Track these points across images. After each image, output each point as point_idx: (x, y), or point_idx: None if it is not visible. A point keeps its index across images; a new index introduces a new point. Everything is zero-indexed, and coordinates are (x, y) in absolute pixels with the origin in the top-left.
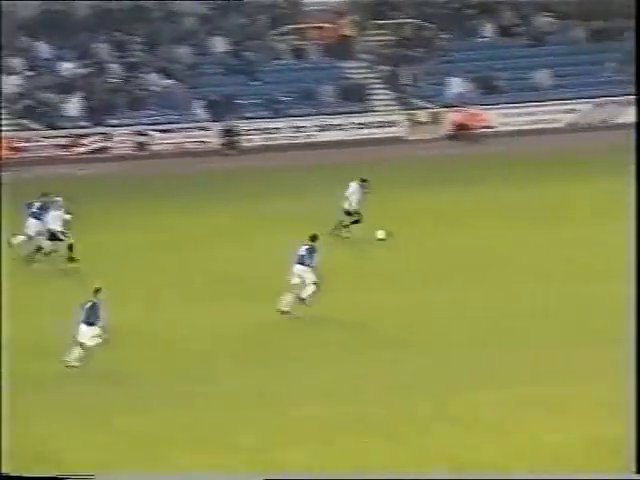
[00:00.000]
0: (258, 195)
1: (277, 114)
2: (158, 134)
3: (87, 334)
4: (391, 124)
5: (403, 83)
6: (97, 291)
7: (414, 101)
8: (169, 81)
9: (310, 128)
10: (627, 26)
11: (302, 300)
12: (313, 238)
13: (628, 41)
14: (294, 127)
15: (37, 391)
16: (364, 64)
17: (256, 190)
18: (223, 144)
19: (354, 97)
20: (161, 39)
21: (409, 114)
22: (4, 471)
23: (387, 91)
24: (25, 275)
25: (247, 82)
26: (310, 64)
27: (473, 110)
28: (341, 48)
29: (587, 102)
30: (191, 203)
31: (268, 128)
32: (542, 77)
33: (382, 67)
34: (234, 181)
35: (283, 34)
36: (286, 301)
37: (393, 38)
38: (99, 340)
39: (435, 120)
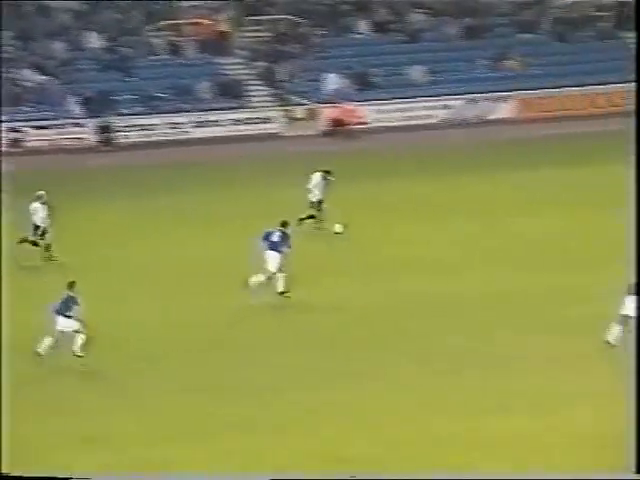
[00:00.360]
0: (139, 191)
1: (153, 110)
2: (33, 130)
3: (65, 325)
4: (267, 120)
5: (279, 79)
6: (71, 285)
7: (290, 97)
8: (43, 77)
9: (186, 124)
10: (498, 23)
11: (282, 294)
12: (284, 224)
13: (499, 38)
14: (170, 123)
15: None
16: (240, 60)
17: (136, 186)
18: (99, 141)
19: (230, 93)
20: (34, 34)
21: (285, 110)
22: (4, 471)
23: (263, 87)
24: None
25: (123, 78)
26: (186, 60)
27: (349, 106)
28: (217, 44)
29: (460, 98)
30: (72, 200)
31: (144, 124)
32: (416, 73)
33: (258, 63)
34: (112, 178)
35: (159, 30)
36: (256, 280)
37: (269, 34)
38: (79, 334)
39: (311, 116)
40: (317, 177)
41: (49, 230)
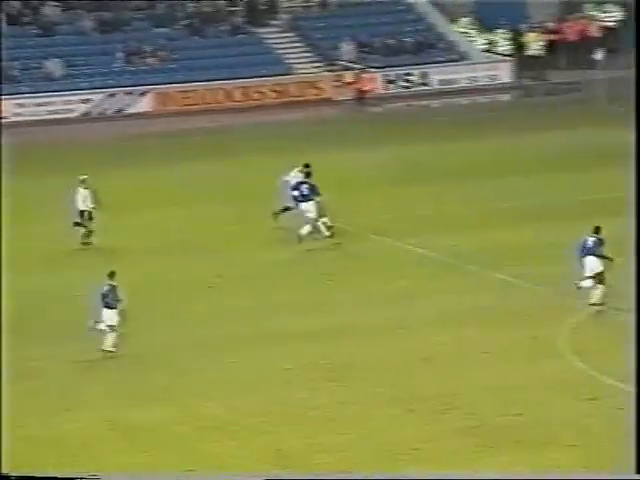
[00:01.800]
0: None
1: None
2: None
3: (111, 318)
4: None
5: None
6: (112, 274)
7: None
8: None
9: None
10: (134, 17)
11: (329, 237)
12: (308, 174)
13: (135, 32)
14: None
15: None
16: None
17: None
18: None
19: None
20: None
21: None
22: (4, 471)
23: None
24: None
25: None
26: None
27: None
28: None
29: (98, 92)
30: None
31: None
32: (54, 67)
33: None
34: None
35: None
36: (305, 231)
37: None
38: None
39: None
40: (294, 172)
41: (94, 214)
